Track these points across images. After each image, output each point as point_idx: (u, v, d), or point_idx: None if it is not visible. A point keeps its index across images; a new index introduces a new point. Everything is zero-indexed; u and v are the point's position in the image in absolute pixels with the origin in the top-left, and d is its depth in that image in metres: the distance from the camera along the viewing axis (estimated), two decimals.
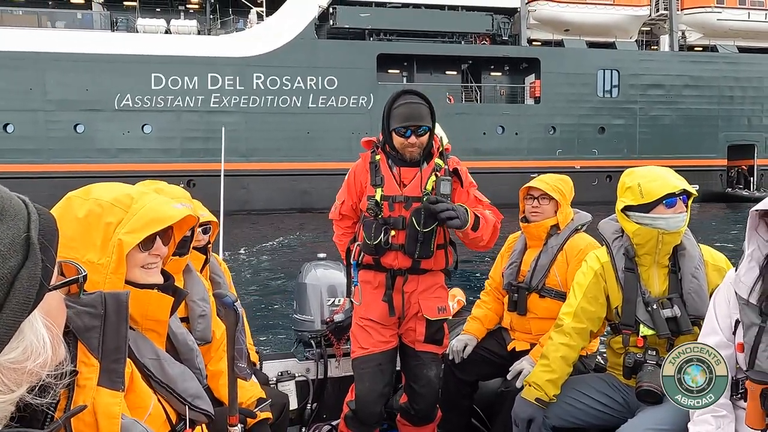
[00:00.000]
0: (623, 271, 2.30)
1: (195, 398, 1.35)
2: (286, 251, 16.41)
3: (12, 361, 0.66)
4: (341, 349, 3.30)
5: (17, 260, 0.65)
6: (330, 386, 3.31)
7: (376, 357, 2.69)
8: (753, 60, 32.87)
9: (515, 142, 29.89)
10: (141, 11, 28.75)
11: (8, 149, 25.38)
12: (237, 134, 27.31)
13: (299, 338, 3.47)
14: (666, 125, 31.32)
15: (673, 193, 2.19)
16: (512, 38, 31.48)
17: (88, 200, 1.26)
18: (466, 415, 3.12)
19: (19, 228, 0.67)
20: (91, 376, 1.03)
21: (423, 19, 29.74)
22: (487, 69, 31.98)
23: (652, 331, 2.21)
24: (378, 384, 2.68)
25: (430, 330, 2.69)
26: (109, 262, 1.23)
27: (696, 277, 2.23)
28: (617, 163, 30.18)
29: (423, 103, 2.58)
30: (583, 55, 31.05)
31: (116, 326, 1.08)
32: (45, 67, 25.55)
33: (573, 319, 2.38)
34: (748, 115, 32.61)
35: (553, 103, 30.40)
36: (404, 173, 2.64)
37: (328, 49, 28.45)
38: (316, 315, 3.36)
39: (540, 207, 2.89)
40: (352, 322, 2.82)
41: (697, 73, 31.74)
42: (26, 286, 0.65)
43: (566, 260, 2.83)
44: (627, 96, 31.27)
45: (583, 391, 2.39)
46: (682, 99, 31.68)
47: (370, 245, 2.61)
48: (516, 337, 2.99)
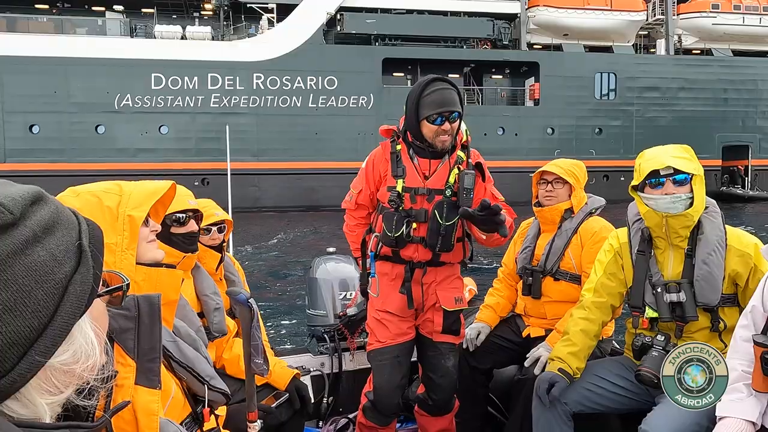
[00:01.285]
0: (636, 253, 2.24)
1: (211, 378, 1.39)
2: (296, 248, 16.46)
3: (63, 363, 0.67)
4: (355, 343, 3.26)
5: (71, 266, 0.67)
6: (345, 380, 3.27)
7: (393, 349, 2.63)
8: (747, 63, 33.26)
9: (515, 143, 30.45)
10: (158, 18, 29.47)
11: (34, 149, 26.32)
12: (248, 135, 28.06)
13: (312, 333, 3.43)
14: (662, 126, 31.66)
15: (656, 171, 2.09)
16: (512, 42, 31.97)
17: (80, 195, 1.29)
18: (482, 403, 3.03)
19: (72, 236, 0.69)
20: (129, 376, 1.06)
21: (427, 24, 30.33)
22: (489, 72, 32.54)
23: (656, 314, 2.16)
24: (396, 376, 2.63)
25: (448, 321, 2.63)
26: (122, 240, 1.26)
27: (707, 264, 2.10)
28: (614, 163, 30.83)
29: (453, 89, 2.48)
30: (581, 58, 31.59)
31: (150, 327, 1.11)
32: (68, 71, 26.43)
33: (593, 294, 2.34)
34: (742, 117, 32.97)
35: (552, 105, 30.92)
36: (426, 165, 2.55)
37: (336, 53, 29.07)
38: (328, 309, 3.32)
39: (554, 191, 2.83)
40: (368, 315, 2.73)
41: (692, 76, 32.15)
42: (79, 291, 0.67)
43: (581, 243, 2.78)
44: (624, 98, 31.74)
45: (600, 375, 2.31)
46: (678, 101, 32.11)
47: (390, 237, 2.52)
48: (530, 323, 2.91)
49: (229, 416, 1.57)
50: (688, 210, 2.08)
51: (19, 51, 26.00)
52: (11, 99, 26.11)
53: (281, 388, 2.54)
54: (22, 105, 26.17)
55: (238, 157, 27.63)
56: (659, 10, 32.90)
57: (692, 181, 2.09)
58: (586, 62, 31.54)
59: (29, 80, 26.01)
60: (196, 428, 1.37)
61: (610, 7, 31.63)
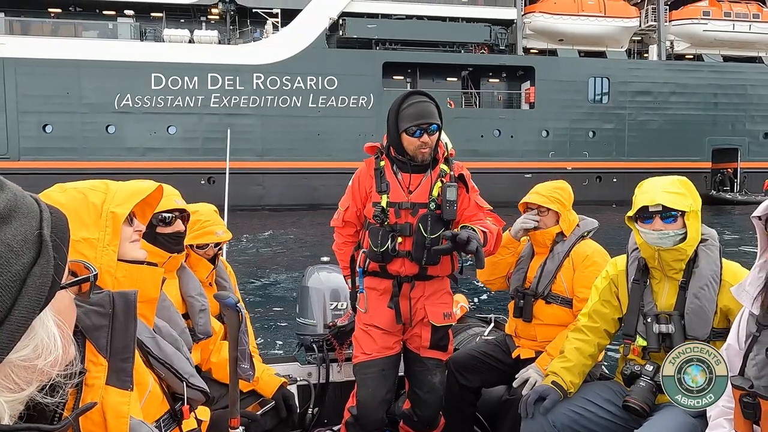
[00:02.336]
0: (632, 282, 2.24)
1: (191, 376, 1.36)
2: (290, 253, 16.07)
3: (23, 358, 0.63)
4: (343, 354, 3.20)
5: (30, 257, 0.63)
6: (332, 391, 3.21)
7: (378, 362, 2.59)
8: (737, 68, 33.92)
9: (511, 145, 31.09)
10: (167, 22, 30.09)
11: (47, 147, 27.02)
12: (253, 135, 28.72)
13: (301, 342, 3.38)
14: (653, 129, 32.40)
15: (645, 207, 2.09)
16: (509, 47, 32.67)
17: (66, 191, 1.28)
18: (468, 422, 2.99)
19: (32, 225, 0.65)
20: (100, 375, 1.01)
21: (426, 30, 30.99)
22: (486, 76, 33.17)
23: (646, 343, 2.16)
24: (380, 390, 2.57)
25: (436, 336, 2.60)
26: (104, 236, 1.24)
27: (698, 298, 2.10)
28: (606, 165, 31.60)
29: (431, 102, 2.51)
30: (575, 63, 32.25)
31: (124, 325, 1.06)
32: (80, 73, 27.12)
33: (588, 319, 2.36)
34: (732, 121, 33.58)
35: (547, 108, 31.56)
36: (410, 179, 2.55)
37: (338, 57, 29.72)
38: (318, 319, 3.27)
39: (541, 219, 2.79)
40: (356, 327, 2.70)
41: (683, 81, 32.79)
42: (38, 283, 0.63)
43: (572, 266, 2.74)
44: (616, 102, 32.40)
45: (588, 398, 2.28)
46: (669, 105, 32.74)
47: (376, 252, 2.51)
48: (521, 344, 2.87)
49: (212, 422, 1.50)
50: (680, 245, 2.08)
51: (33, 53, 26.70)
52: (25, 99, 26.83)
53: (268, 396, 2.48)
54: (36, 105, 26.90)
55: (243, 156, 28.31)
56: (652, 16, 33.57)
57: (686, 216, 2.08)
58: (580, 67, 32.21)
59: (43, 82, 26.72)
60: (174, 426, 1.32)
61: (604, 14, 32.34)
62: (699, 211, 2.11)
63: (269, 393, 2.49)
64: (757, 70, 34.10)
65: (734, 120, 33.67)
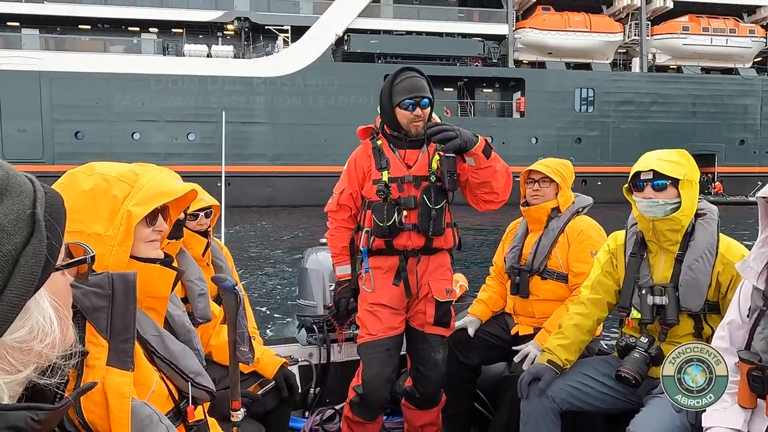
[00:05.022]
0: (630, 255, 2.19)
1: (197, 375, 1.29)
2: (292, 237, 15.98)
3: (18, 340, 0.61)
4: (344, 334, 3.14)
5: (22, 237, 0.60)
6: (333, 371, 3.17)
7: (384, 342, 2.54)
8: (715, 80, 35.15)
9: (502, 151, 31.11)
10: (187, 38, 31.37)
11: (79, 152, 28.09)
12: (265, 141, 30.04)
13: (302, 323, 3.32)
14: (636, 137, 33.37)
15: (638, 174, 2.02)
16: (501, 60, 33.81)
17: (93, 175, 1.22)
18: (469, 399, 2.94)
19: (25, 204, 0.62)
20: (100, 356, 0.98)
21: (424, 44, 32.19)
22: (480, 87, 34.44)
23: (640, 315, 2.12)
24: (386, 369, 2.53)
25: (439, 312, 2.56)
26: (116, 234, 1.18)
27: (692, 270, 2.03)
28: (592, 169, 32.65)
29: (422, 77, 2.46)
30: (562, 75, 33.52)
31: (124, 306, 1.03)
32: (110, 85, 28.62)
33: (590, 291, 2.31)
34: (710, 129, 34.64)
35: (537, 116, 32.78)
36: (408, 155, 2.50)
37: (343, 70, 30.81)
38: (318, 300, 3.21)
39: (540, 190, 2.74)
40: (359, 308, 2.61)
41: (664, 91, 33.98)
42: (31, 263, 0.60)
43: (567, 242, 2.69)
44: (601, 111, 33.58)
45: (587, 374, 2.23)
46: (651, 114, 33.91)
47: (383, 227, 2.45)
48: (519, 321, 2.82)
49: (213, 403, 1.44)
50: (674, 214, 2.00)
51: (66, 67, 28.35)
52: (59, 109, 28.49)
53: (269, 377, 2.41)
54: (69, 114, 28.53)
55: (256, 161, 29.98)
56: (635, 31, 34.80)
57: (680, 185, 1.99)
58: (568, 78, 33.46)
59: (75, 93, 28.26)
60: (178, 423, 1.25)
61: (589, 30, 33.60)
62: (696, 182, 2.03)
63: (270, 374, 2.41)
64: (733, 82, 35.31)
65: (712, 128, 34.66)
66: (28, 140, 28.35)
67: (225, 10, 31.21)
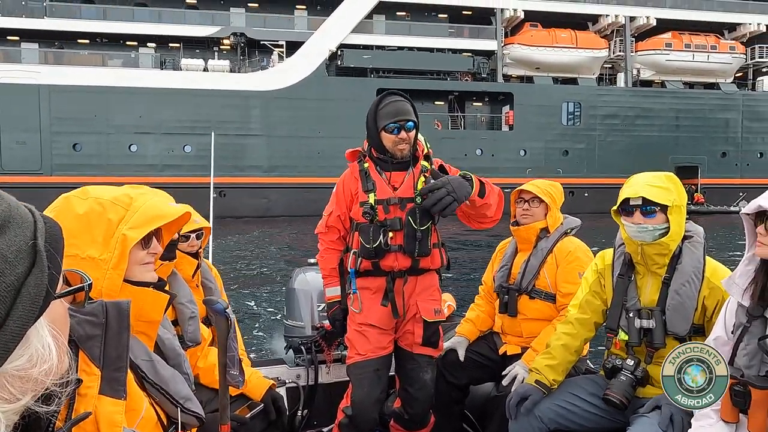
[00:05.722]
0: (617, 277, 2.18)
1: (186, 400, 1.28)
2: (279, 256, 15.74)
3: (18, 368, 0.62)
4: (332, 355, 3.11)
5: (24, 267, 0.62)
6: (321, 392, 3.12)
7: (373, 362, 2.54)
8: (697, 94, 35.95)
9: (491, 163, 32.57)
10: (184, 52, 31.73)
11: (76, 164, 28.82)
12: (260, 154, 30.37)
13: (289, 344, 3.27)
14: (621, 149, 34.10)
15: (627, 200, 2.02)
16: (490, 75, 34.44)
17: (88, 199, 1.22)
18: (457, 419, 2.93)
19: (26, 236, 0.63)
20: (93, 385, 0.97)
21: (416, 59, 32.84)
22: (470, 100, 35.04)
23: (627, 337, 2.11)
24: (375, 389, 2.53)
25: (428, 332, 2.56)
26: (111, 258, 1.18)
27: (679, 294, 2.03)
28: (578, 181, 33.25)
29: (407, 101, 2.50)
30: (550, 89, 34.20)
31: (117, 335, 1.02)
32: (107, 98, 28.89)
33: (578, 310, 2.30)
34: (693, 142, 35.38)
35: (525, 129, 33.40)
36: (394, 177, 2.53)
37: (337, 84, 31.35)
38: (306, 320, 3.19)
39: (530, 210, 2.77)
40: (348, 328, 2.62)
41: (648, 105, 34.72)
42: (33, 293, 0.61)
43: (555, 262, 2.71)
44: (587, 124, 34.27)
45: (574, 393, 2.23)
46: (636, 127, 34.60)
47: (369, 249, 2.47)
48: (507, 340, 2.83)
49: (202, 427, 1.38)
50: (662, 239, 2.01)
51: (65, 81, 28.66)
52: (58, 121, 28.77)
53: (256, 399, 2.38)
54: (67, 126, 28.80)
55: (252, 172, 30.30)
56: (619, 47, 35.61)
57: (669, 211, 2.00)
58: (555, 93, 34.15)
59: (74, 105, 28.52)
60: None
61: (575, 46, 34.36)
62: (683, 206, 2.04)
63: (258, 396, 2.38)
64: (715, 96, 36.11)
65: (695, 141, 35.37)
66: (27, 152, 28.59)
67: (221, 26, 31.71)
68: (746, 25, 36.75)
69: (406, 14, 33.98)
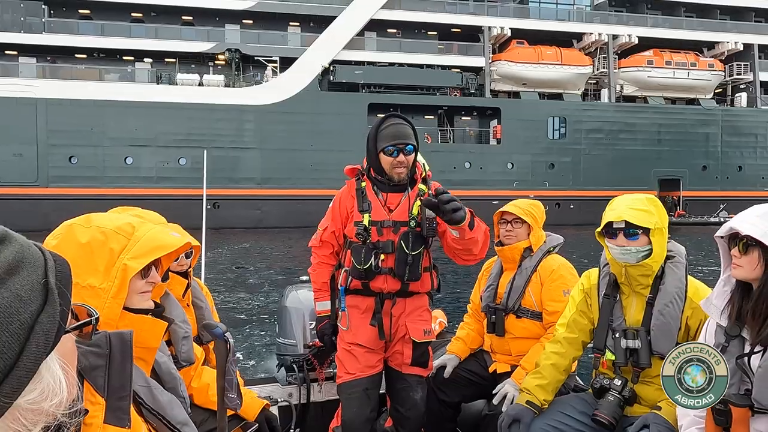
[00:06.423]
0: (603, 297, 2.20)
1: (183, 426, 1.30)
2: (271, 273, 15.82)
3: (30, 402, 0.63)
4: (324, 373, 3.09)
5: (37, 305, 0.64)
6: (313, 411, 3.11)
7: (362, 381, 2.52)
8: (678, 110, 36.87)
9: (480, 175, 33.39)
10: (179, 67, 32.09)
11: (73, 176, 29.09)
12: (254, 166, 30.73)
13: (281, 362, 3.26)
14: (606, 162, 34.88)
15: (611, 223, 2.06)
16: (478, 90, 35.13)
17: (90, 228, 1.24)
18: None
19: (38, 274, 0.66)
20: (98, 414, 0.98)
21: (406, 75, 33.45)
22: (459, 115, 35.63)
23: (614, 357, 2.13)
24: (365, 408, 2.51)
25: (417, 352, 2.55)
26: (111, 287, 1.20)
27: (663, 314, 2.06)
28: (564, 193, 34.14)
29: (407, 125, 2.49)
30: (536, 105, 34.96)
31: (121, 365, 1.03)
32: (103, 111, 29.22)
33: (566, 330, 2.31)
34: (674, 156, 36.18)
35: (512, 143, 34.09)
36: (390, 199, 2.51)
37: (329, 99, 31.79)
38: (298, 339, 3.16)
39: (513, 230, 2.79)
40: (338, 347, 2.61)
41: (631, 120, 35.59)
42: (45, 330, 0.64)
43: (540, 281, 2.73)
44: (573, 138, 35.00)
45: (564, 412, 2.23)
46: (619, 141, 35.42)
47: (360, 269, 2.46)
48: (496, 359, 2.85)
49: None
50: (645, 261, 2.04)
51: (62, 94, 28.98)
52: (54, 134, 29.03)
53: (250, 419, 2.37)
54: (64, 139, 29.05)
55: (245, 184, 30.67)
56: (603, 64, 36.50)
57: (651, 233, 2.03)
58: (541, 108, 34.90)
59: (70, 119, 28.82)
60: None
61: (561, 62, 35.20)
62: (665, 228, 2.08)
63: (252, 416, 2.37)
64: (695, 112, 37.07)
65: (676, 154, 36.18)
66: (23, 164, 28.81)
67: (216, 42, 32.21)
68: (724, 44, 37.80)
69: (397, 32, 34.65)
